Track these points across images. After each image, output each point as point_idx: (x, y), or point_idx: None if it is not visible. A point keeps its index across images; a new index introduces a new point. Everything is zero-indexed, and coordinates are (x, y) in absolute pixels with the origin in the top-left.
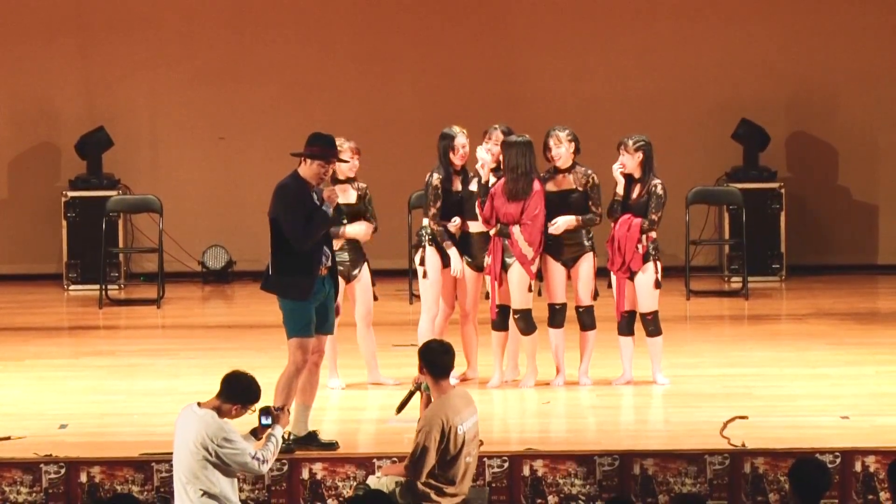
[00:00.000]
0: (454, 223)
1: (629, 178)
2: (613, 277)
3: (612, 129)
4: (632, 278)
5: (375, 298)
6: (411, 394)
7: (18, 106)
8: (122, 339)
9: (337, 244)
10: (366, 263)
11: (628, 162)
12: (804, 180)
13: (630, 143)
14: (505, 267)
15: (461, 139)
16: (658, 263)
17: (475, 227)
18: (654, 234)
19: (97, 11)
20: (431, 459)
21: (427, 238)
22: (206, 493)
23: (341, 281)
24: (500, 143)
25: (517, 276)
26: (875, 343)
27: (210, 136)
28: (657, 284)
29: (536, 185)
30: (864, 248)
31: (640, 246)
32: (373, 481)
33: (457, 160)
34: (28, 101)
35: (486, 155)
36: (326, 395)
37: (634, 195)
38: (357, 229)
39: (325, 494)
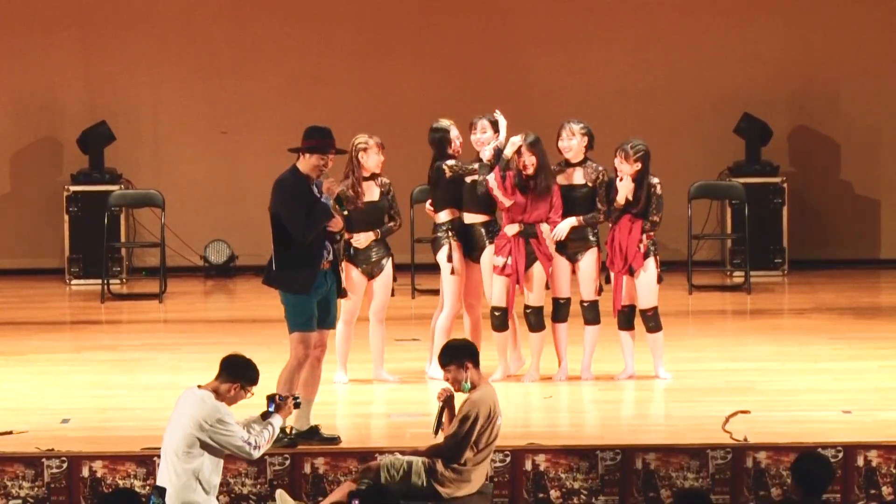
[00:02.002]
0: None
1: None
2: (612, 273)
3: (614, 124)
4: (632, 274)
5: (392, 294)
6: (442, 409)
7: (20, 100)
8: (124, 334)
9: (365, 240)
10: (390, 258)
11: (627, 170)
12: (806, 175)
13: (631, 152)
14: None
15: (454, 131)
16: (657, 259)
17: (471, 218)
18: (653, 234)
19: (99, 6)
20: (471, 440)
21: (451, 234)
22: (188, 472)
23: (363, 277)
24: (483, 130)
25: (538, 274)
26: (877, 337)
27: (212, 130)
28: (660, 279)
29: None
30: (867, 243)
31: (641, 246)
32: (387, 458)
33: (453, 152)
34: (30, 95)
35: (488, 149)
36: (330, 389)
37: (633, 197)
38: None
39: (328, 489)
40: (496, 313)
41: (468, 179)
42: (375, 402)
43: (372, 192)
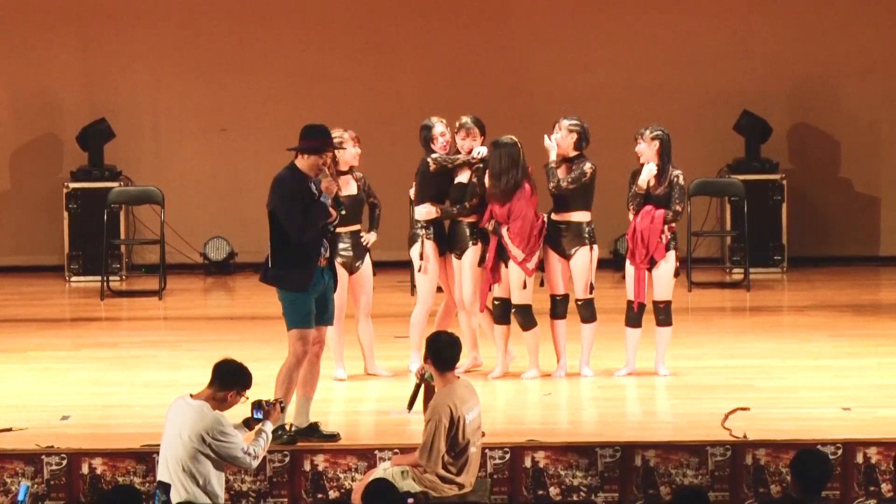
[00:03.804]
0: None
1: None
2: (630, 269)
3: (614, 121)
4: (650, 269)
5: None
6: (418, 387)
7: (20, 97)
8: (124, 331)
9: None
10: (367, 254)
11: (645, 151)
12: (806, 172)
13: (647, 132)
14: (506, 262)
15: (439, 128)
16: (677, 252)
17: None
18: (674, 225)
19: (99, 3)
20: (442, 445)
21: (426, 231)
22: (196, 486)
23: (344, 272)
24: (472, 134)
25: (514, 273)
26: (876, 334)
27: (212, 127)
28: (676, 273)
29: (526, 186)
30: (866, 240)
31: (663, 236)
32: (379, 472)
33: (437, 149)
34: (30, 92)
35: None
36: (329, 386)
37: (654, 186)
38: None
39: (327, 486)
40: (496, 303)
41: (456, 180)
42: (374, 398)
43: (349, 187)
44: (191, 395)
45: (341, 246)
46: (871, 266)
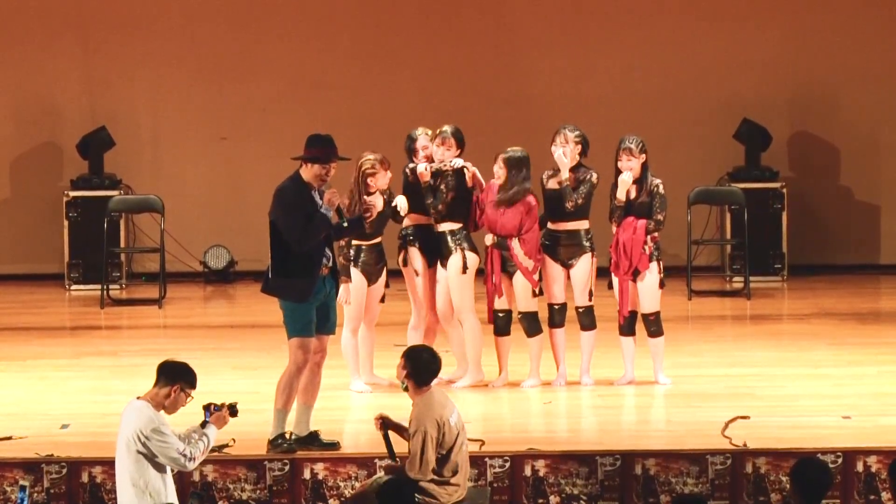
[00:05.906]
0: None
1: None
2: (615, 279)
3: (613, 129)
4: (634, 279)
5: (382, 300)
6: (386, 437)
7: (20, 105)
8: (124, 339)
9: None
10: (385, 270)
11: (636, 166)
12: (806, 180)
13: (635, 147)
14: (509, 274)
15: (422, 141)
16: (660, 263)
17: (442, 226)
18: (657, 235)
19: (99, 11)
20: (432, 455)
21: (409, 239)
22: (137, 488)
23: (364, 281)
24: (448, 144)
25: (521, 282)
26: (877, 343)
27: (212, 135)
28: (661, 284)
29: (531, 199)
30: (867, 248)
31: (646, 247)
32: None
33: (417, 161)
34: (30, 100)
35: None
36: (330, 395)
37: (634, 197)
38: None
39: (327, 494)
40: (499, 314)
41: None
42: (375, 408)
43: (378, 203)
44: (137, 398)
45: (363, 258)
46: (871, 274)
